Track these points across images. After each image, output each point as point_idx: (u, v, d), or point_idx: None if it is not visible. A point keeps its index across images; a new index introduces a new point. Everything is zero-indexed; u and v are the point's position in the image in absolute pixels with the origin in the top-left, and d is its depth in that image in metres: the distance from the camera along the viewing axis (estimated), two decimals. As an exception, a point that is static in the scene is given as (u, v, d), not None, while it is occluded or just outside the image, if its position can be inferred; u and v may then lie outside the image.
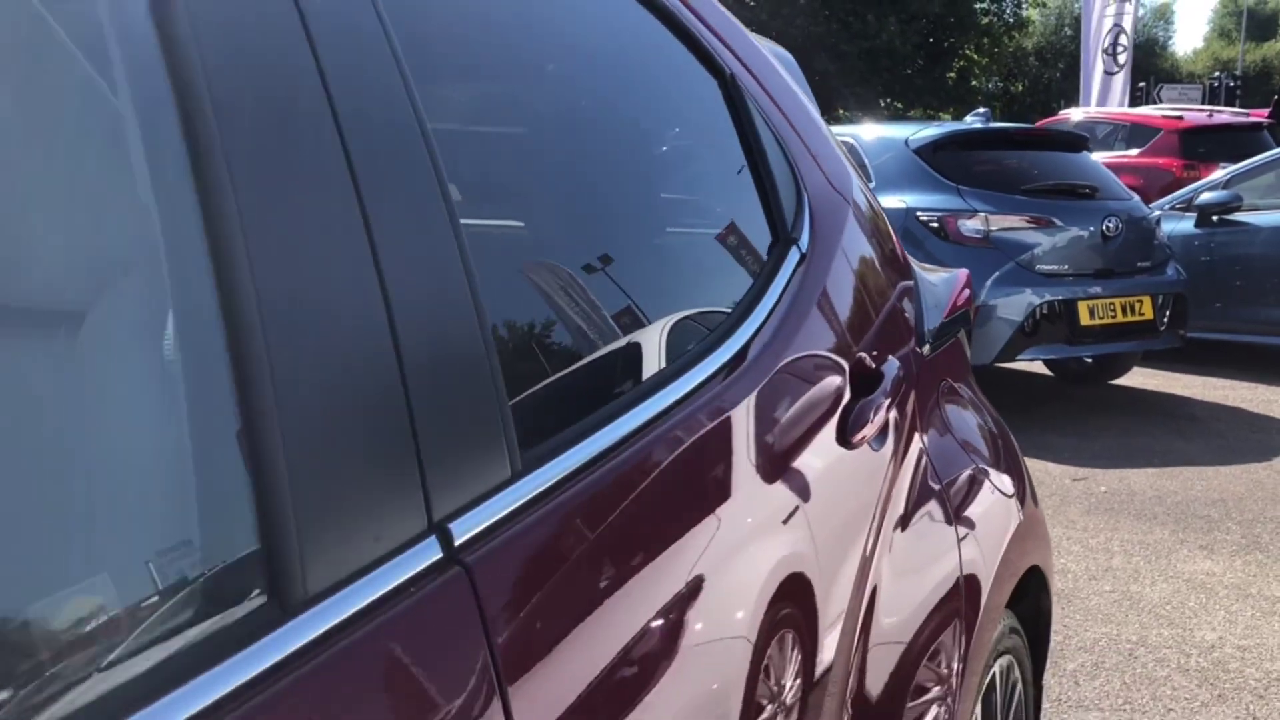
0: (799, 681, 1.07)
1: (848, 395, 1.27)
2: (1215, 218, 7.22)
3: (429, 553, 0.69)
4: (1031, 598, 1.85)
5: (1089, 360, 6.55)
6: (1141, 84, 32.20)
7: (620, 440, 0.89)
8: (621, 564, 0.85)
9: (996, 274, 5.65)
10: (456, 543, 0.71)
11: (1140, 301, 5.94)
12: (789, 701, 1.03)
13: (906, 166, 6.10)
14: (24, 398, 0.55)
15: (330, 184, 0.69)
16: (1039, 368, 6.67)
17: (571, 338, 1.00)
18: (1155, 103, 22.47)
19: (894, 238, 1.66)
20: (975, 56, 31.43)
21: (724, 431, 1.05)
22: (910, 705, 1.36)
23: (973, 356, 4.31)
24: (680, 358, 1.06)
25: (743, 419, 1.09)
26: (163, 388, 0.61)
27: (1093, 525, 4.06)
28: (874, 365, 1.34)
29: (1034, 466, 3.27)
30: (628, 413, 0.93)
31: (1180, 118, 11.99)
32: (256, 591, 0.61)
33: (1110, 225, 5.87)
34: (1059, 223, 5.84)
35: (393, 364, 0.69)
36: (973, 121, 7.38)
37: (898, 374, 1.37)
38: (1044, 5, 35.78)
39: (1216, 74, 34.19)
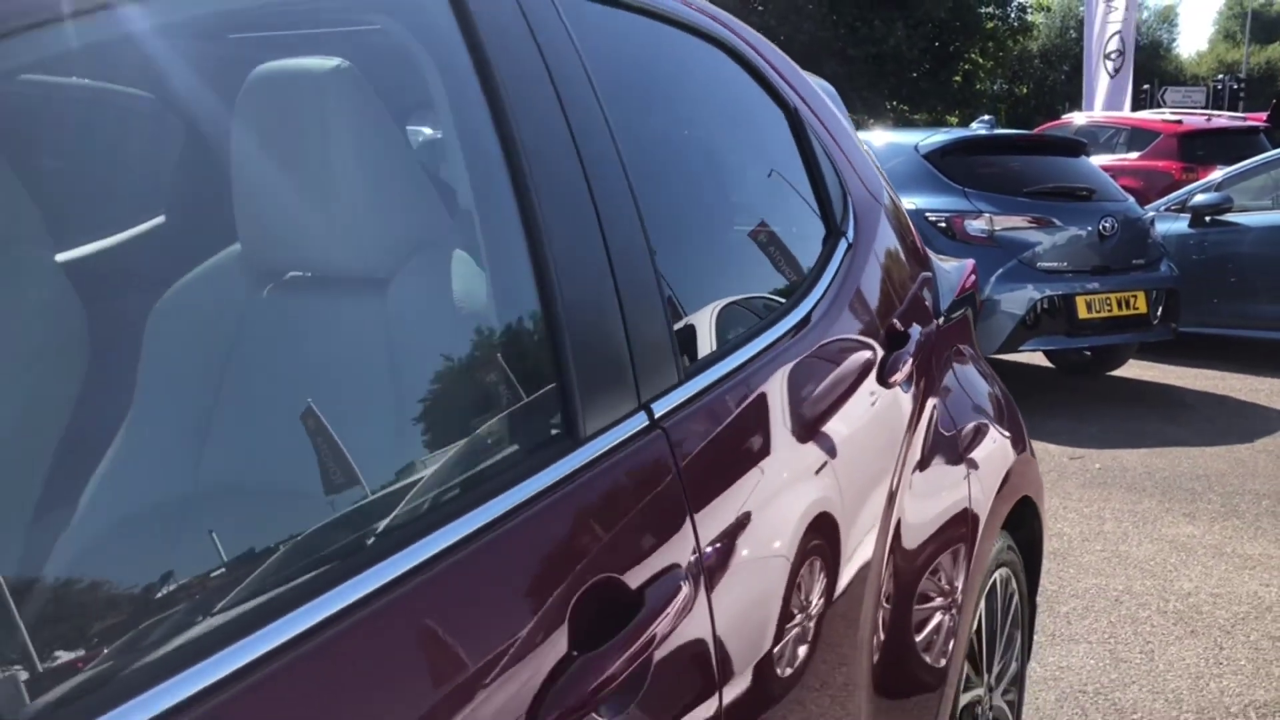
0: (850, 571, 1.49)
1: (883, 350, 1.70)
2: (1208, 218, 7.63)
3: (640, 421, 1.12)
4: (1026, 526, 2.28)
5: (1087, 353, 6.96)
6: (1145, 86, 32.50)
7: (739, 366, 1.32)
8: (756, 436, 1.29)
9: (1000, 270, 6.07)
10: (656, 415, 1.14)
11: (1135, 296, 6.35)
12: (839, 588, 1.45)
13: (916, 171, 6.52)
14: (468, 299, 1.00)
15: (574, 183, 1.12)
16: (1040, 359, 7.10)
17: (705, 295, 1.43)
18: (1159, 105, 22.81)
19: (914, 232, 2.09)
20: (980, 60, 31.81)
21: (796, 372, 1.48)
22: (928, 604, 1.78)
23: (979, 346, 4.80)
24: (769, 315, 1.49)
25: (808, 366, 1.51)
26: (506, 300, 1.06)
27: (1087, 497, 4.48)
28: (903, 329, 1.76)
29: (1034, 447, 3.69)
30: (740, 349, 1.36)
31: (1179, 122, 12.33)
32: (556, 431, 1.04)
33: (1106, 225, 6.29)
34: (1058, 223, 6.26)
35: (614, 300, 1.12)
36: (978, 128, 7.80)
37: (920, 336, 1.80)
38: (1048, 9, 36.17)
39: (1221, 76, 34.42)
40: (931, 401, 1.85)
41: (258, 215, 1.09)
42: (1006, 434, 2.17)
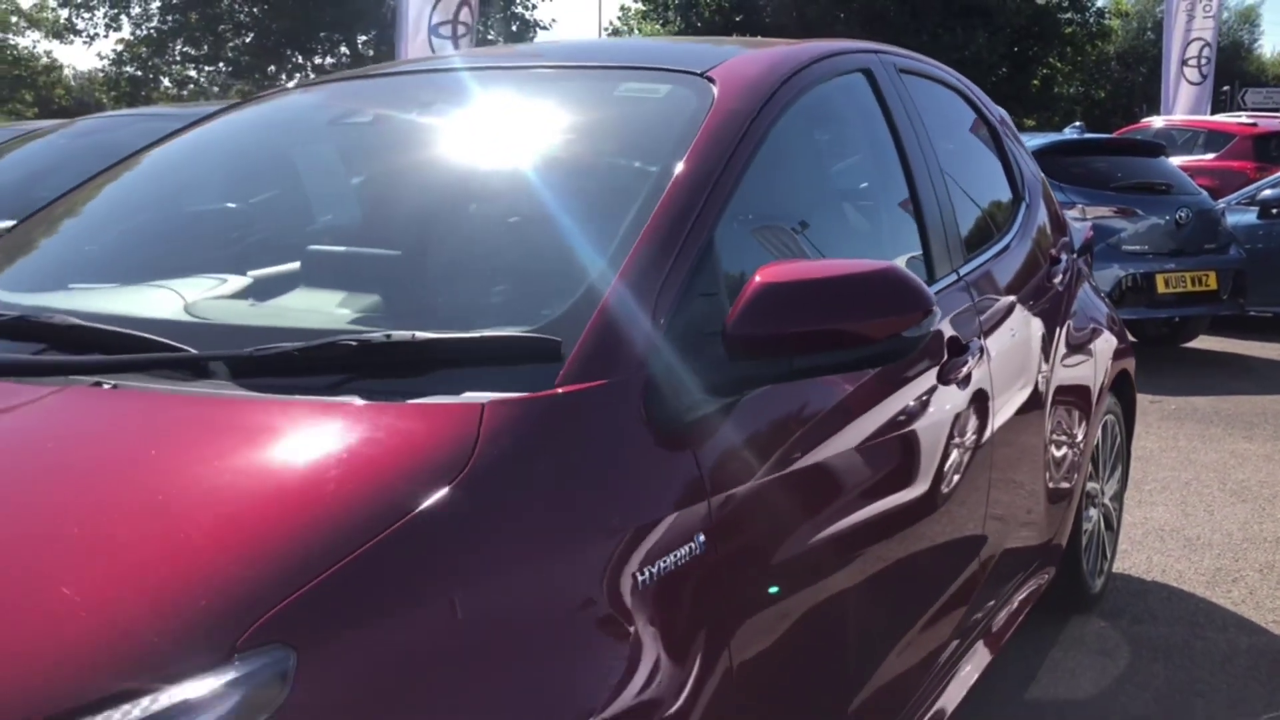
0: (1035, 406, 2.72)
1: (1048, 264, 2.95)
2: (1275, 210, 8.70)
3: (952, 278, 2.39)
4: (1125, 392, 3.51)
5: (1165, 329, 8.08)
6: (1225, 88, 32.85)
7: (979, 265, 2.57)
8: (991, 296, 2.55)
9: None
10: (962, 274, 2.41)
11: (1207, 275, 7.48)
12: (1029, 416, 2.69)
13: (1017, 169, 7.72)
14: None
15: (928, 174, 2.39)
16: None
17: (965, 230, 2.68)
18: (1240, 107, 23.37)
19: (1055, 201, 3.34)
20: (1058, 65, 32.57)
21: (1009, 272, 2.73)
22: (1071, 433, 3.00)
23: None
24: (986, 243, 2.74)
25: (1014, 270, 2.76)
26: (904, 234, 2.34)
27: (1164, 425, 5.66)
28: (1057, 254, 3.02)
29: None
30: (978, 257, 2.61)
31: (1254, 125, 13.24)
32: (926, 279, 2.33)
33: (1182, 215, 7.43)
34: (1140, 213, 7.42)
35: (940, 228, 2.38)
36: (1070, 133, 8.95)
37: (1067, 260, 3.06)
38: (1126, 15, 36.67)
39: (1302, 77, 34.57)
40: (1073, 300, 3.10)
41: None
42: (1112, 330, 3.41)
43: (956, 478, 2.19)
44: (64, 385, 1.44)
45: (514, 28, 32.85)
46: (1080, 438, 3.10)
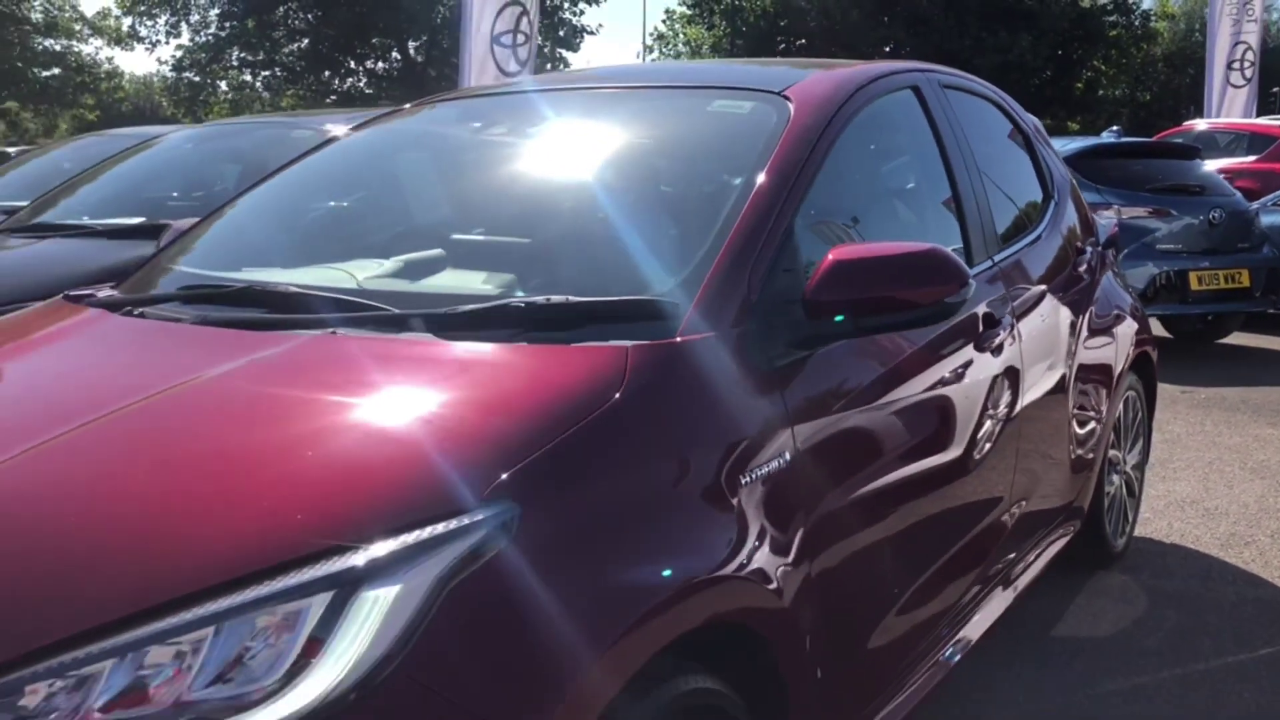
0: (1062, 381, 3.13)
1: (1074, 255, 3.36)
2: (1308, 212, 8.97)
3: (987, 264, 2.80)
4: (1148, 369, 3.90)
5: (1200, 325, 8.39)
6: (1275, 90, 32.68)
7: (1011, 253, 2.98)
8: (1023, 286, 2.96)
9: (1126, 251, 7.57)
10: (995, 261, 2.82)
11: (1239, 273, 7.79)
12: (1055, 392, 3.09)
13: (1056, 171, 8.08)
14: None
15: (968, 175, 2.81)
16: (1158, 328, 8.54)
17: (1002, 223, 3.08)
18: (1290, 110, 23.32)
19: (1083, 200, 3.74)
20: (1103, 67, 32.62)
21: (1039, 261, 3.13)
22: (1093, 408, 3.40)
23: None
24: (1018, 235, 3.14)
25: (1043, 259, 3.17)
26: (947, 226, 2.76)
27: (1193, 413, 6.01)
28: (1083, 246, 3.42)
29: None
30: (1010, 246, 3.02)
31: (1295, 128, 13.43)
32: (965, 260, 2.75)
33: (1215, 215, 7.75)
34: (1174, 213, 7.75)
35: (979, 223, 2.80)
36: (1107, 137, 9.28)
37: (1092, 252, 3.46)
38: (1172, 17, 36.58)
39: (1352, 79, 34.33)
40: (1097, 287, 3.50)
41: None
42: (1134, 316, 3.80)
43: (988, 433, 2.61)
44: (301, 337, 1.90)
45: (561, 33, 33.41)
46: (1103, 410, 3.49)
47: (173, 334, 2.04)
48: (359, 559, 1.33)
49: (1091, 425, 3.38)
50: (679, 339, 1.81)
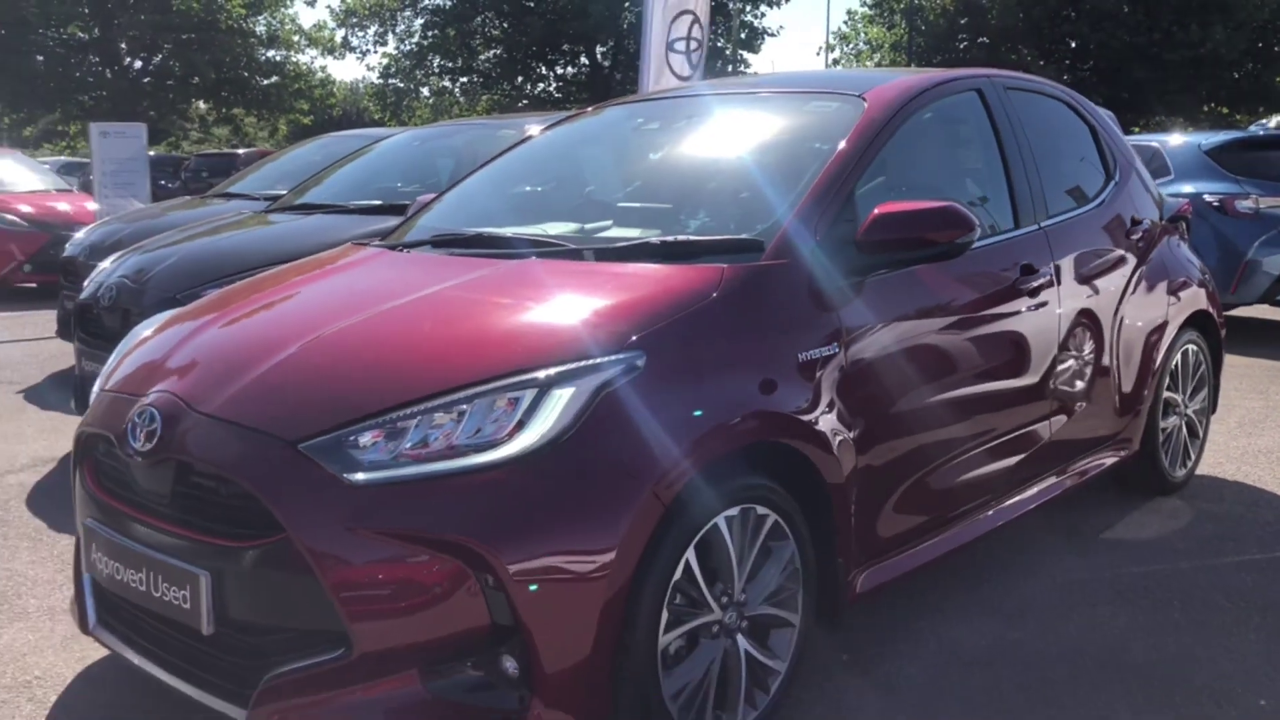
0: (1100, 351, 3.84)
1: (1130, 225, 4.06)
2: None
3: (1034, 229, 3.56)
4: (1209, 326, 4.53)
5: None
6: None
7: (1048, 224, 3.70)
8: (1083, 250, 3.70)
9: (1263, 238, 7.96)
10: (1041, 225, 3.57)
11: (1377, 262, 8.03)
12: (1102, 340, 3.81)
13: (1199, 164, 8.49)
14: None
15: (1024, 168, 3.58)
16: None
17: (1064, 202, 3.81)
18: None
19: (1148, 177, 4.41)
20: (1307, 60, 31.15)
21: (1088, 227, 3.86)
22: (1136, 352, 4.07)
23: (1241, 295, 7.36)
24: (1070, 206, 3.86)
25: (1093, 226, 3.89)
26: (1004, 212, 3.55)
27: (1306, 387, 6.45)
28: (1140, 218, 4.11)
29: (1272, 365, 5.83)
30: (1051, 218, 3.74)
31: None
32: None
33: (1354, 205, 8.02)
34: (1314, 203, 8.07)
35: (1038, 206, 3.56)
36: (1255, 130, 9.55)
37: (1149, 223, 4.15)
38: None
39: None
40: (1151, 252, 4.17)
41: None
42: (1191, 278, 4.44)
43: (1020, 351, 3.38)
44: (512, 262, 2.87)
45: (744, 35, 34.28)
46: (1154, 356, 4.15)
47: (430, 261, 3.07)
48: (552, 372, 2.28)
49: (1139, 366, 4.06)
50: (762, 263, 2.69)
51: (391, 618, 2.14)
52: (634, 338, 2.38)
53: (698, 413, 2.37)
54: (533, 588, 2.13)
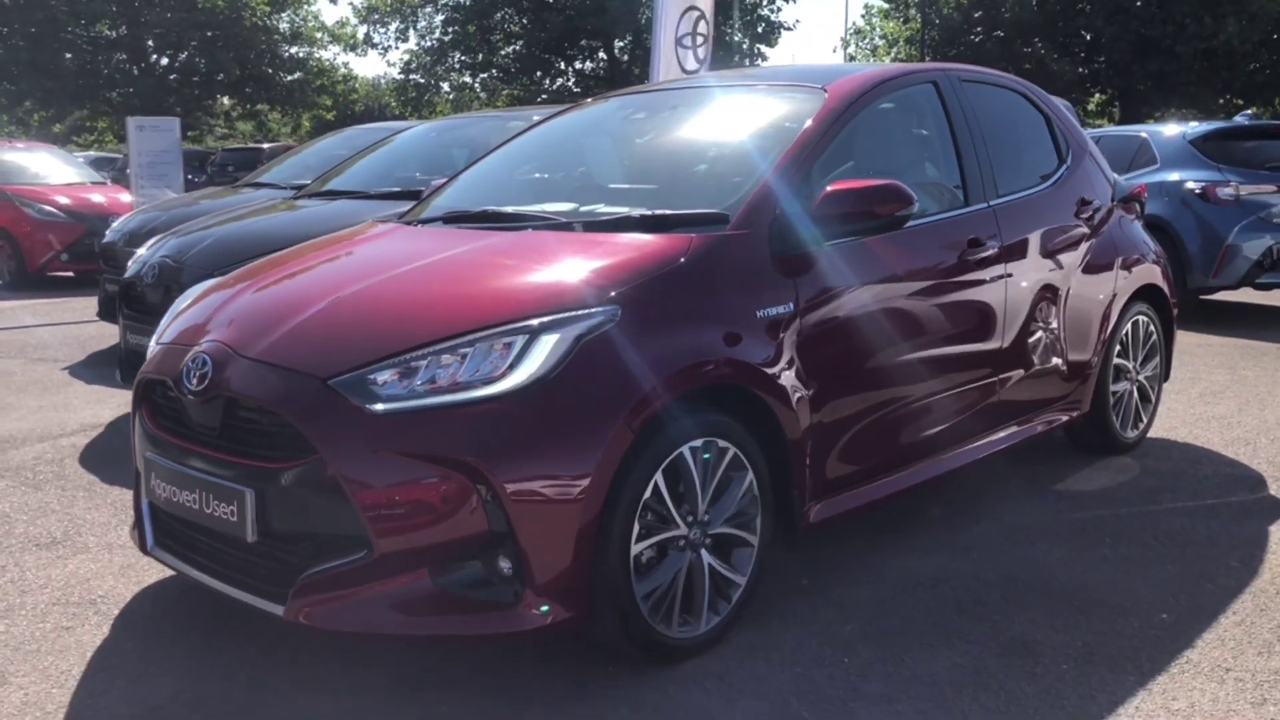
0: (1047, 318, 4.24)
1: (1079, 206, 4.45)
2: None
3: (984, 209, 3.96)
4: (1159, 298, 4.91)
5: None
6: None
7: (997, 203, 4.10)
8: (1033, 227, 4.10)
9: (1242, 223, 8.31)
10: (991, 204, 3.97)
11: (1354, 246, 8.37)
12: (1042, 323, 4.21)
13: (1183, 153, 8.84)
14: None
15: (976, 152, 3.99)
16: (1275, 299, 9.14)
17: (1019, 183, 4.21)
18: None
19: (1103, 162, 4.80)
20: (1323, 51, 31.19)
21: (1037, 206, 4.25)
22: (1083, 320, 4.47)
23: (1222, 279, 7.80)
24: (1018, 187, 4.25)
25: (1043, 205, 4.28)
26: (951, 197, 3.96)
27: (1267, 362, 6.80)
28: (1089, 199, 4.51)
29: (1245, 344, 6.19)
30: (1001, 198, 4.14)
31: None
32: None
33: (1331, 191, 8.36)
34: (1292, 189, 8.41)
35: (991, 184, 3.97)
36: (1240, 120, 9.88)
37: (1099, 203, 4.54)
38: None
39: None
40: (1101, 229, 4.56)
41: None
42: (1143, 255, 4.82)
43: (965, 312, 3.78)
44: (511, 233, 3.30)
45: (760, 29, 34.62)
46: (1104, 325, 4.53)
47: (441, 233, 3.52)
48: (540, 321, 2.70)
49: (1087, 333, 4.45)
50: (727, 232, 3.11)
51: (406, 524, 2.57)
52: (612, 294, 2.80)
53: (666, 357, 2.79)
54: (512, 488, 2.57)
